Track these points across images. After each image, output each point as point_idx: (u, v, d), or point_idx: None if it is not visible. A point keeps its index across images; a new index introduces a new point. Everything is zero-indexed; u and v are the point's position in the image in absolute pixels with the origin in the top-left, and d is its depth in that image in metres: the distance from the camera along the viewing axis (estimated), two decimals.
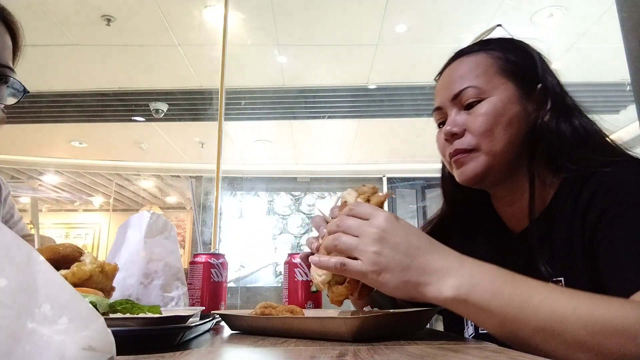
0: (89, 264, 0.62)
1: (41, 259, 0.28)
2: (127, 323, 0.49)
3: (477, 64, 0.79)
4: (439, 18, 3.37)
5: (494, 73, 0.77)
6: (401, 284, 0.56)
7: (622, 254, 0.58)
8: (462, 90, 0.76)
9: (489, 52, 0.80)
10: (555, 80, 0.79)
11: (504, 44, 0.82)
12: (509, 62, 0.78)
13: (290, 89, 4.37)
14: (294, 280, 0.95)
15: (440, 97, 0.81)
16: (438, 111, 0.82)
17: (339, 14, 3.35)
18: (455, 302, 0.55)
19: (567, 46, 3.72)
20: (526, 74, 0.78)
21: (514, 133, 0.74)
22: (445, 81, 0.82)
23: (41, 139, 5.43)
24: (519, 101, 0.75)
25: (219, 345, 0.59)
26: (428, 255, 0.57)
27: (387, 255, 0.56)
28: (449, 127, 0.77)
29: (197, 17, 3.41)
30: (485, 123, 0.74)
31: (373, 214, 0.60)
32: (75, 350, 0.26)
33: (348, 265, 0.58)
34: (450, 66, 0.83)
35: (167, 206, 8.07)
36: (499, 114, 0.74)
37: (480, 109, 0.74)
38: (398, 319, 0.64)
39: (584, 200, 0.65)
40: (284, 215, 6.80)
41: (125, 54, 3.80)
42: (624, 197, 0.61)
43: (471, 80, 0.77)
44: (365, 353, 0.45)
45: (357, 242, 0.58)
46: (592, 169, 0.67)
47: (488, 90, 0.75)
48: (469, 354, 0.45)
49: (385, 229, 0.58)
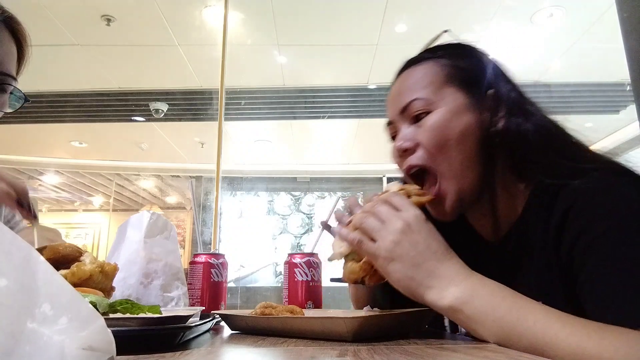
0: (89, 264, 0.62)
1: (41, 259, 0.28)
2: (127, 323, 0.49)
3: (424, 73, 0.75)
4: (439, 18, 3.37)
5: (442, 82, 0.73)
6: (406, 278, 0.59)
7: (603, 288, 0.54)
8: (410, 103, 0.73)
9: (437, 60, 0.76)
10: (510, 85, 0.75)
11: (452, 50, 0.78)
12: (458, 69, 0.74)
13: (290, 89, 4.37)
14: (294, 280, 0.95)
15: (389, 110, 0.78)
16: (389, 126, 0.79)
17: (339, 14, 3.35)
18: (453, 310, 0.56)
19: (567, 46, 3.72)
20: (476, 81, 0.73)
21: (469, 145, 0.70)
22: (394, 94, 0.78)
23: (41, 139, 5.43)
24: (470, 110, 0.71)
25: (219, 345, 0.59)
26: (440, 262, 0.59)
27: (403, 247, 0.59)
28: (399, 142, 0.73)
29: (197, 17, 3.41)
30: (435, 136, 0.69)
31: (405, 207, 0.63)
32: (75, 350, 0.26)
33: (364, 243, 0.62)
34: (399, 77, 0.80)
35: (167, 206, 8.08)
36: (448, 125, 0.69)
37: (429, 122, 0.71)
38: (398, 319, 0.64)
39: (556, 220, 0.61)
40: (284, 215, 6.80)
41: (125, 54, 3.80)
42: (597, 219, 0.57)
43: (418, 92, 0.73)
44: (365, 353, 0.45)
45: (381, 227, 0.61)
46: (562, 179, 0.63)
47: (436, 101, 0.71)
48: (469, 354, 0.45)
49: (410, 224, 0.60)
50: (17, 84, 0.86)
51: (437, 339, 0.59)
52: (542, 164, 0.66)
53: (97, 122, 4.93)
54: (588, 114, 4.61)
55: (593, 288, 0.55)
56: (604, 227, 0.56)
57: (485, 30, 3.50)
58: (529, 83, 2.90)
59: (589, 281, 0.55)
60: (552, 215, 0.62)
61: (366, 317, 0.56)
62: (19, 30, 0.88)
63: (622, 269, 0.53)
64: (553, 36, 3.59)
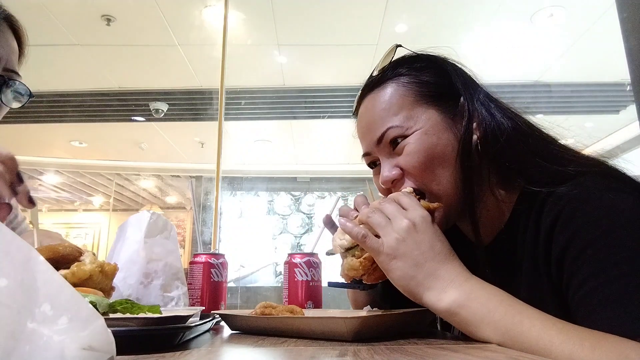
0: (88, 263, 0.62)
1: (41, 259, 0.28)
2: (127, 323, 0.49)
3: (389, 97, 0.72)
4: (439, 18, 3.37)
5: (411, 103, 0.70)
6: (407, 277, 0.59)
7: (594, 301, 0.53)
8: (384, 133, 0.70)
9: (399, 79, 0.73)
10: (478, 88, 0.73)
11: (412, 64, 0.75)
12: (424, 84, 0.72)
13: (290, 89, 4.37)
14: (294, 280, 0.95)
15: (364, 142, 0.76)
16: (365, 157, 0.78)
17: (339, 14, 3.35)
18: (450, 313, 0.56)
19: (567, 46, 3.72)
20: (444, 93, 0.71)
21: (452, 160, 0.68)
22: (364, 124, 0.75)
23: (41, 139, 5.43)
24: (445, 125, 0.69)
25: (219, 345, 0.59)
26: (442, 264, 0.59)
27: (407, 246, 0.59)
28: (385, 175, 0.71)
29: (197, 17, 3.41)
30: (418, 161, 0.68)
31: (413, 207, 0.62)
32: (75, 350, 0.26)
33: (368, 238, 0.61)
34: (363, 104, 0.77)
35: (167, 206, 8.08)
36: (429, 147, 0.67)
37: (408, 148, 0.68)
38: (398, 319, 0.64)
39: (545, 228, 0.61)
40: (284, 215, 6.80)
41: (125, 54, 3.80)
42: (585, 228, 0.56)
43: (390, 120, 0.70)
44: (365, 353, 0.45)
45: (387, 223, 0.61)
46: (547, 184, 0.62)
47: (410, 126, 0.69)
48: (469, 354, 0.45)
49: (416, 224, 0.60)
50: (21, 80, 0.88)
51: (437, 339, 0.59)
52: (525, 170, 0.65)
53: (97, 122, 4.93)
54: (588, 114, 4.62)
55: (584, 296, 0.55)
56: (592, 235, 0.55)
57: (485, 30, 3.50)
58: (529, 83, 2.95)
59: (580, 290, 0.55)
60: (541, 224, 0.62)
61: (366, 317, 0.56)
62: (18, 28, 0.91)
63: (612, 277, 0.53)
64: (553, 36, 3.59)
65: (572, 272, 0.57)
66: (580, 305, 0.55)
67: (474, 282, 0.58)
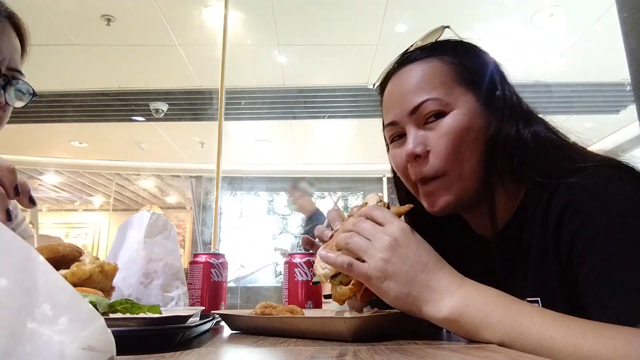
0: (88, 263, 0.62)
1: (41, 259, 0.28)
2: (127, 323, 0.49)
3: (433, 72, 0.71)
4: (439, 18, 3.36)
5: (453, 82, 0.70)
6: (402, 295, 0.57)
7: (604, 286, 0.54)
8: (422, 104, 0.69)
9: (442, 57, 0.72)
10: (510, 87, 0.74)
11: (457, 48, 0.74)
12: (466, 68, 0.71)
13: (290, 89, 4.37)
14: (294, 280, 0.95)
15: (393, 111, 0.73)
16: (392, 126, 0.74)
17: (339, 14, 3.35)
18: (449, 322, 0.56)
19: (567, 46, 3.72)
20: (482, 82, 0.71)
21: (480, 149, 0.68)
22: (398, 93, 0.73)
23: (41, 139, 5.43)
24: (481, 113, 0.69)
25: (219, 345, 0.59)
26: (433, 274, 0.57)
27: (395, 264, 0.57)
28: (410, 147, 0.69)
29: (197, 17, 3.41)
30: (451, 143, 0.67)
31: (389, 220, 0.60)
32: (75, 350, 0.26)
33: (355, 266, 0.59)
34: (397, 75, 0.75)
35: (167, 206, 8.08)
36: (465, 130, 0.67)
37: (444, 126, 0.68)
38: (398, 319, 0.64)
39: (554, 217, 0.61)
40: (284, 215, 6.80)
41: (125, 54, 3.80)
42: (595, 215, 0.57)
43: (430, 92, 0.69)
44: (365, 353, 0.45)
45: (368, 245, 0.59)
46: (557, 178, 0.62)
47: (450, 103, 0.68)
48: (469, 354, 0.45)
49: (397, 239, 0.58)
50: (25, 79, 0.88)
51: (437, 339, 0.59)
52: (540, 168, 0.65)
53: (97, 122, 4.93)
54: (588, 114, 4.61)
55: (593, 284, 0.55)
56: (602, 222, 0.56)
57: (485, 30, 3.50)
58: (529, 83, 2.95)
59: (589, 278, 0.55)
60: (550, 213, 0.62)
61: (366, 317, 0.56)
62: (21, 25, 0.90)
63: (622, 265, 0.53)
64: (553, 36, 3.59)
65: (582, 259, 0.56)
66: (589, 292, 0.55)
67: (469, 287, 0.57)
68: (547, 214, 0.62)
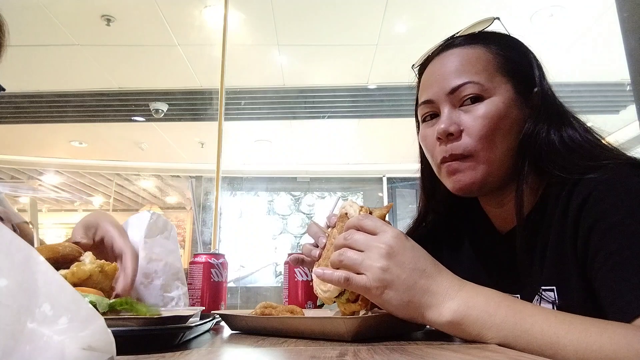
0: (88, 263, 0.62)
1: (41, 259, 0.28)
2: (127, 323, 0.49)
3: (477, 58, 0.72)
4: (439, 18, 3.37)
5: (495, 71, 0.71)
6: (403, 304, 0.56)
7: (618, 274, 0.55)
8: (462, 86, 0.70)
9: (487, 46, 0.74)
10: (548, 85, 0.75)
11: (502, 40, 0.76)
12: (509, 60, 0.73)
13: (290, 89, 4.37)
14: (294, 280, 0.95)
15: (431, 89, 0.74)
16: (427, 104, 0.75)
17: (339, 14, 3.35)
18: (452, 325, 0.55)
19: (567, 46, 3.72)
20: (524, 76, 0.73)
21: (512, 139, 0.70)
22: (438, 73, 0.74)
23: (41, 139, 5.43)
24: (517, 105, 0.71)
25: (219, 345, 0.59)
26: (432, 278, 0.57)
27: (393, 273, 0.56)
28: (443, 125, 0.70)
29: (197, 17, 3.41)
30: (486, 126, 0.68)
31: (382, 228, 0.59)
32: (75, 350, 0.26)
33: (352, 280, 0.57)
34: (440, 56, 0.76)
35: (167, 206, 8.07)
36: (500, 117, 0.68)
37: (480, 110, 0.69)
38: (398, 319, 0.64)
39: (573, 210, 0.62)
40: (284, 215, 6.80)
41: (125, 54, 3.80)
42: (613, 208, 0.58)
43: (471, 75, 0.70)
44: (365, 353, 0.45)
45: (363, 257, 0.57)
46: (579, 174, 0.64)
47: (490, 89, 0.70)
48: (469, 354, 0.45)
49: (392, 246, 0.57)
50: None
51: (437, 339, 0.59)
52: (565, 165, 0.66)
53: (97, 122, 4.92)
54: (588, 114, 4.59)
55: (606, 275, 0.56)
56: (620, 215, 0.57)
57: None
58: None
59: (603, 268, 0.56)
60: (570, 206, 0.63)
61: (366, 317, 0.56)
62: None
63: (636, 257, 0.54)
64: (553, 36, 3.58)
65: (597, 249, 0.57)
66: (602, 281, 0.56)
67: (468, 289, 0.57)
68: (568, 207, 0.63)
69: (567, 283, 0.63)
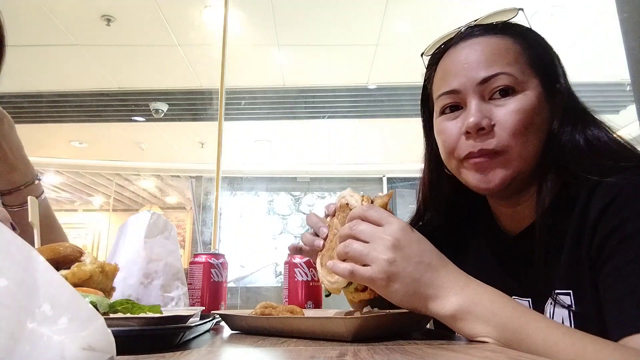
0: (89, 264, 0.62)
1: (41, 259, 0.28)
2: (127, 323, 0.49)
3: (507, 49, 0.68)
4: (439, 18, 3.37)
5: (525, 64, 0.67)
6: (408, 296, 0.56)
7: (623, 286, 0.54)
8: (494, 76, 0.65)
9: (514, 38, 0.69)
10: (568, 84, 0.72)
11: (528, 33, 0.72)
12: (537, 55, 0.69)
13: (290, 89, 4.37)
14: (294, 280, 0.95)
15: (456, 79, 0.68)
16: (450, 95, 0.69)
17: (339, 14, 3.35)
18: (454, 319, 0.55)
19: (567, 46, 3.72)
20: (549, 72, 0.70)
21: (541, 137, 0.66)
22: (465, 61, 0.69)
23: (41, 139, 5.43)
24: (545, 99, 0.67)
25: (219, 345, 0.59)
26: (437, 272, 0.57)
27: (399, 265, 0.56)
28: (474, 118, 0.64)
29: (197, 17, 3.41)
30: (521, 121, 0.64)
31: (387, 220, 0.58)
32: (75, 350, 0.26)
33: (357, 272, 0.57)
34: (464, 44, 0.71)
35: (167, 206, 8.07)
36: (535, 112, 0.65)
37: (515, 104, 0.64)
38: (398, 319, 0.64)
39: (594, 213, 0.59)
40: (284, 215, 6.80)
41: (125, 54, 3.80)
42: (631, 219, 0.56)
43: (504, 66, 0.66)
44: (365, 353, 0.45)
45: (369, 249, 0.57)
46: (600, 176, 0.61)
47: (522, 82, 0.66)
48: (469, 354, 0.45)
49: (398, 238, 0.57)
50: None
51: (437, 339, 0.59)
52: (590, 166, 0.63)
53: (97, 122, 4.93)
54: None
55: (612, 285, 0.55)
56: (635, 227, 0.55)
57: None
58: None
59: (609, 277, 0.56)
60: (590, 210, 0.60)
61: (366, 317, 0.56)
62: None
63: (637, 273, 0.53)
64: (553, 36, 3.58)
65: (609, 256, 0.56)
66: (609, 290, 0.56)
67: (474, 285, 0.57)
68: (587, 210, 0.61)
69: (583, 288, 0.61)
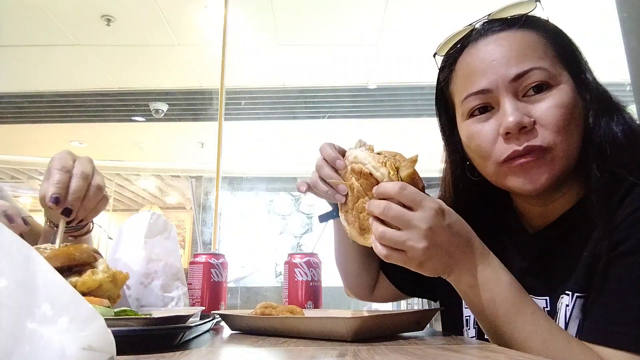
0: (100, 272, 0.62)
1: (41, 259, 0.28)
2: (127, 323, 0.49)
3: (535, 42, 0.64)
4: (439, 18, 3.37)
5: (554, 58, 0.64)
6: (436, 272, 0.60)
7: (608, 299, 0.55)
8: (528, 72, 0.62)
9: (538, 31, 0.66)
10: (593, 75, 0.69)
11: (550, 26, 0.68)
12: (562, 48, 0.66)
13: (290, 89, 4.37)
14: (294, 280, 0.95)
15: (485, 78, 0.65)
16: (479, 95, 0.66)
17: (339, 14, 3.35)
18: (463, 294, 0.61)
19: None
20: (575, 65, 0.67)
21: (580, 129, 0.63)
22: (491, 58, 0.65)
23: (41, 139, 5.43)
24: (577, 92, 0.64)
25: (219, 345, 0.59)
26: (464, 253, 0.59)
27: (432, 252, 0.57)
28: (513, 118, 0.61)
29: (197, 17, 3.41)
30: (563, 116, 0.61)
31: (421, 204, 0.57)
32: (75, 350, 0.26)
33: (392, 257, 0.59)
34: (487, 41, 0.67)
35: (167, 206, 8.07)
36: (573, 106, 0.62)
37: (554, 99, 0.61)
38: (398, 319, 0.64)
39: (619, 218, 0.58)
40: (284, 215, 6.80)
41: (125, 54, 3.80)
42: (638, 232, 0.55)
43: (536, 61, 0.62)
44: (365, 353, 0.45)
45: (404, 238, 0.57)
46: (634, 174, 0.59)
47: (556, 76, 0.63)
48: (469, 353, 0.45)
49: (432, 227, 0.56)
50: None
51: (437, 339, 0.59)
52: (629, 163, 0.60)
53: (97, 122, 4.93)
54: None
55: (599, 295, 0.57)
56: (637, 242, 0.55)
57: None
58: None
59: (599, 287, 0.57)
60: (618, 215, 0.59)
61: (366, 317, 0.56)
62: None
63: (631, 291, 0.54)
64: None
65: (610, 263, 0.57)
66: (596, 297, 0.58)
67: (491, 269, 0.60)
68: (615, 214, 0.59)
69: None
